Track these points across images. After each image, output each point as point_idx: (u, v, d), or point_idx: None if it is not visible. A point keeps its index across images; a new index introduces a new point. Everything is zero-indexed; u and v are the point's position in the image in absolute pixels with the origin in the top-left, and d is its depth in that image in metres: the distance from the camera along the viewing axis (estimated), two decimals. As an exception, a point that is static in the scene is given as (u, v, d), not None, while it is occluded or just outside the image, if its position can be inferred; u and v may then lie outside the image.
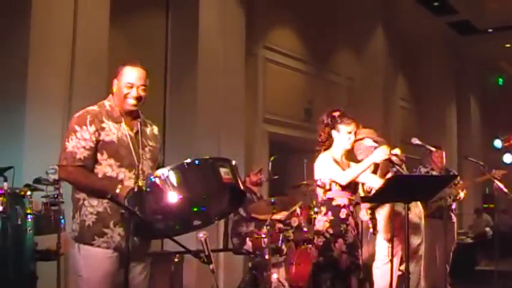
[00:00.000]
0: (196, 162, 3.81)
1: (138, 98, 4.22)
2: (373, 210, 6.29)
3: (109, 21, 8.28)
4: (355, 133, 5.88)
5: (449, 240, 9.14)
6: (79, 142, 4.03)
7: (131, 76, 4.20)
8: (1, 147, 7.23)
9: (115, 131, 4.14)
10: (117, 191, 3.90)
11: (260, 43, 12.18)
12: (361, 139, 6.36)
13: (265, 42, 12.31)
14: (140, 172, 4.10)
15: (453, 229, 9.31)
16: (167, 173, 3.72)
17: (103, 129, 4.10)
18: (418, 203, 7.09)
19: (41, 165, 6.27)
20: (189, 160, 3.79)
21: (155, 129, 4.47)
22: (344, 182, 5.81)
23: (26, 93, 7.34)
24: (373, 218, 6.31)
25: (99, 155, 4.08)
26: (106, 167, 4.09)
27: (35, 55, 7.42)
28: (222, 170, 3.83)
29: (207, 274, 3.91)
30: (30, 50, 7.40)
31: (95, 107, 4.20)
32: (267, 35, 12.38)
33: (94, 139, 4.06)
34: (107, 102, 4.26)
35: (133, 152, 4.15)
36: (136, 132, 4.25)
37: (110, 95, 4.30)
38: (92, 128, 4.07)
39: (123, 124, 4.19)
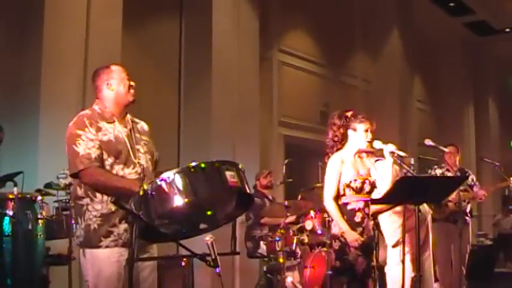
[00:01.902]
0: (202, 165, 3.78)
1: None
2: (374, 216, 6.20)
3: (122, 25, 8.30)
4: (371, 131, 5.84)
5: (464, 244, 9.06)
6: (88, 143, 4.06)
7: (122, 70, 4.38)
8: (15, 152, 7.27)
9: (111, 130, 4.19)
10: (137, 189, 3.83)
11: (275, 46, 12.18)
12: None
13: (280, 46, 12.30)
14: (138, 166, 4.17)
15: (468, 232, 9.22)
16: (173, 176, 3.70)
17: (100, 129, 4.15)
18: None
19: (55, 170, 6.30)
20: (194, 163, 3.77)
21: (145, 126, 4.53)
22: (325, 205, 5.88)
23: (39, 98, 7.40)
24: (374, 223, 6.22)
25: None
26: (107, 166, 4.13)
27: (48, 60, 7.48)
28: (228, 173, 3.81)
29: (223, 278, 3.89)
30: (43, 55, 7.46)
31: (86, 111, 4.27)
32: (281, 38, 12.38)
33: (98, 138, 4.11)
34: (95, 107, 4.30)
35: (130, 149, 4.20)
36: (130, 130, 4.31)
37: (96, 100, 4.34)
38: (93, 129, 4.12)
39: (116, 123, 4.25)
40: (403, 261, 6.21)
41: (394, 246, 6.68)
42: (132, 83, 4.34)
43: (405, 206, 6.18)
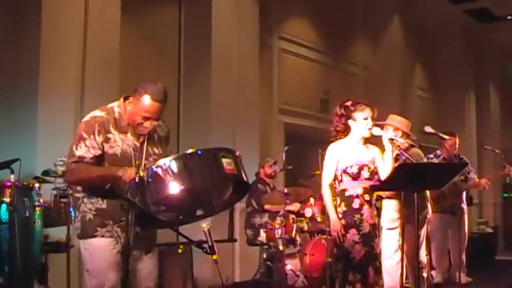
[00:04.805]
0: (199, 152, 3.78)
1: (149, 129, 4.15)
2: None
3: (120, 14, 8.26)
4: (372, 118, 5.84)
5: (463, 232, 9.08)
6: (89, 150, 4.03)
7: (149, 110, 4.04)
8: (14, 141, 7.28)
9: (120, 143, 4.11)
10: (120, 173, 3.88)
11: (275, 34, 12.14)
12: (382, 125, 6.34)
13: (280, 33, 12.25)
14: None
15: (465, 220, 9.23)
16: (169, 163, 3.70)
17: (108, 140, 4.08)
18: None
19: (54, 158, 6.29)
20: (191, 150, 3.77)
21: (162, 132, 4.38)
22: (323, 187, 5.93)
23: (37, 87, 7.39)
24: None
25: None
26: None
27: (46, 50, 7.46)
28: (225, 161, 3.80)
29: (222, 266, 3.89)
30: (41, 44, 7.44)
31: (103, 114, 4.12)
32: (282, 25, 12.33)
33: (101, 148, 4.06)
34: (116, 108, 4.17)
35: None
36: (142, 142, 4.21)
37: (121, 100, 4.19)
38: (100, 139, 4.05)
39: (129, 134, 4.15)
40: (401, 249, 6.20)
41: (388, 229, 6.66)
42: (146, 125, 4.07)
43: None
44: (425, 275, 6.94)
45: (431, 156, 9.07)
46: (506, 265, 12.72)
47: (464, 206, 9.15)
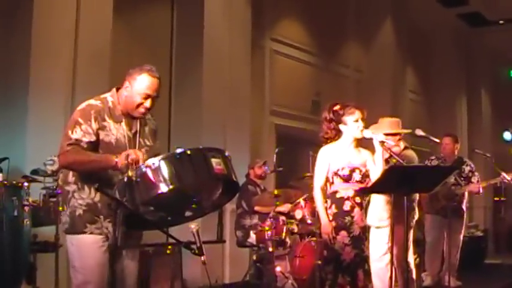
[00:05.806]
0: (188, 152, 3.77)
1: (150, 108, 4.17)
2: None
3: (112, 12, 8.24)
4: (362, 119, 5.84)
5: (458, 236, 9.08)
6: (84, 135, 4.01)
7: (149, 87, 4.11)
8: (3, 140, 7.24)
9: (114, 132, 4.12)
10: (116, 159, 3.89)
11: (267, 35, 12.14)
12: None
13: (272, 34, 12.25)
14: None
15: (462, 225, 9.23)
16: (158, 162, 3.69)
17: (104, 128, 4.08)
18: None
19: (43, 157, 6.27)
20: (180, 150, 3.76)
21: (152, 125, 4.41)
22: (314, 190, 5.94)
23: (28, 86, 7.34)
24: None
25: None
26: None
27: (37, 47, 7.41)
28: (214, 161, 3.79)
29: (212, 267, 3.87)
30: (32, 41, 7.39)
31: (97, 102, 4.13)
32: (274, 26, 12.33)
33: (96, 135, 4.05)
34: (109, 98, 4.19)
35: None
36: (135, 133, 4.21)
37: (114, 90, 4.23)
38: (95, 125, 4.04)
39: (123, 124, 4.16)
40: (391, 252, 6.19)
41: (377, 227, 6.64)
42: (146, 104, 4.11)
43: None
44: (414, 276, 6.93)
45: (433, 158, 9.10)
46: (496, 269, 12.76)
47: (464, 210, 9.15)
